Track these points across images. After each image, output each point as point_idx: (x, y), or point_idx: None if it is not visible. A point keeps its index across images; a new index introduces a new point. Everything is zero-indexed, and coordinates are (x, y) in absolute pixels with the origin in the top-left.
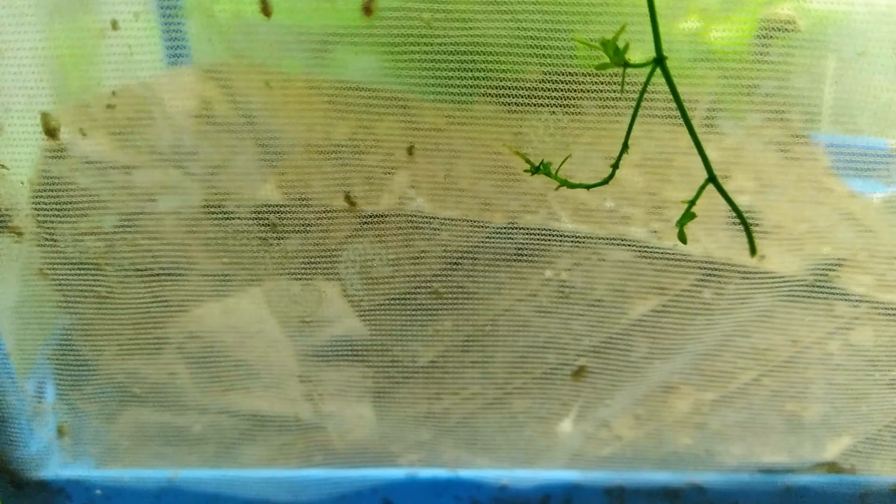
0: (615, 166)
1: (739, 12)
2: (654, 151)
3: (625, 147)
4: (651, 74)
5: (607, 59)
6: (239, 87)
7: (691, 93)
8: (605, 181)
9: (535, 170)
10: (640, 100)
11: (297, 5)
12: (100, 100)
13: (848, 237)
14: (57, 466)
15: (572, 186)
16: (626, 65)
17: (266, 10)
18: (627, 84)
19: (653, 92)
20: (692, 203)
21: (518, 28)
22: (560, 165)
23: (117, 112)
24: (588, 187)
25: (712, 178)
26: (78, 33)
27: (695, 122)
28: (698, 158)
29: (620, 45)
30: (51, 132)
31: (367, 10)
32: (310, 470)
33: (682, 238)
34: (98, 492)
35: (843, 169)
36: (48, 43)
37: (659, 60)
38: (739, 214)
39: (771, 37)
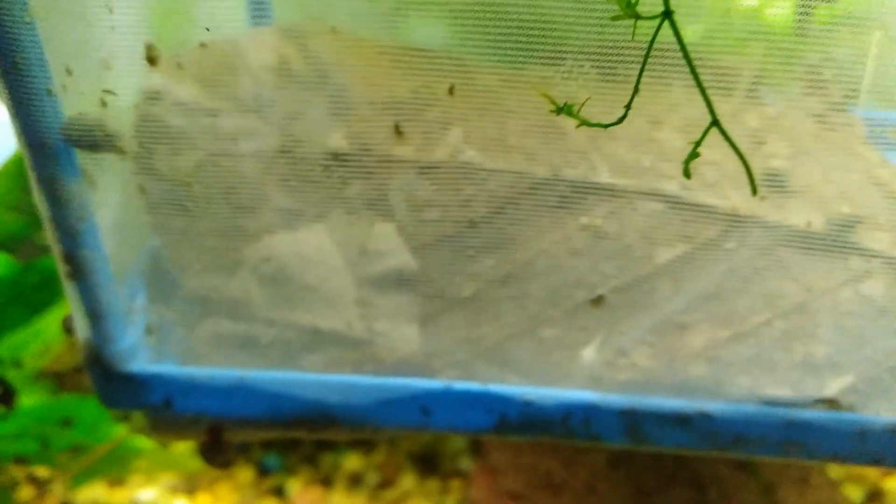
0: (628, 107)
1: None
2: (696, 116)
3: (635, 91)
4: (660, 26)
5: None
6: (314, 46)
7: (736, 63)
8: (620, 121)
9: (559, 110)
10: (648, 50)
11: None
12: (191, 50)
13: (872, 200)
14: (143, 362)
15: (591, 125)
16: (637, 17)
17: None
18: (665, 42)
19: (697, 60)
20: (698, 144)
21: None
22: (580, 107)
23: (205, 62)
24: (606, 126)
25: (716, 122)
26: None
27: (738, 92)
28: (737, 124)
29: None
30: (152, 60)
31: None
32: (359, 377)
33: (687, 174)
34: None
35: (880, 140)
36: None
37: (667, 13)
38: (741, 155)
39: (813, 11)
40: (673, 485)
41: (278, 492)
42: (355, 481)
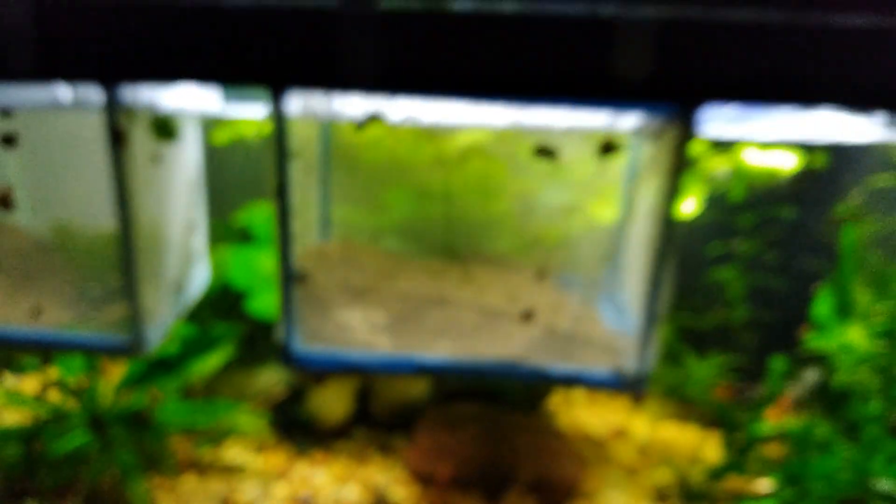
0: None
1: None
2: (496, 285)
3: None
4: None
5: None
6: (353, 249)
7: (508, 259)
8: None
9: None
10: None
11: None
12: (316, 247)
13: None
14: (300, 347)
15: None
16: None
17: None
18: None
19: (500, 259)
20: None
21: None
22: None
23: (319, 251)
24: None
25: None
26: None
27: (507, 269)
28: (506, 284)
29: None
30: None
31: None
32: (373, 355)
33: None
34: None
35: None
36: None
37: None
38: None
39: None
40: (491, 437)
41: (307, 455)
42: (346, 453)
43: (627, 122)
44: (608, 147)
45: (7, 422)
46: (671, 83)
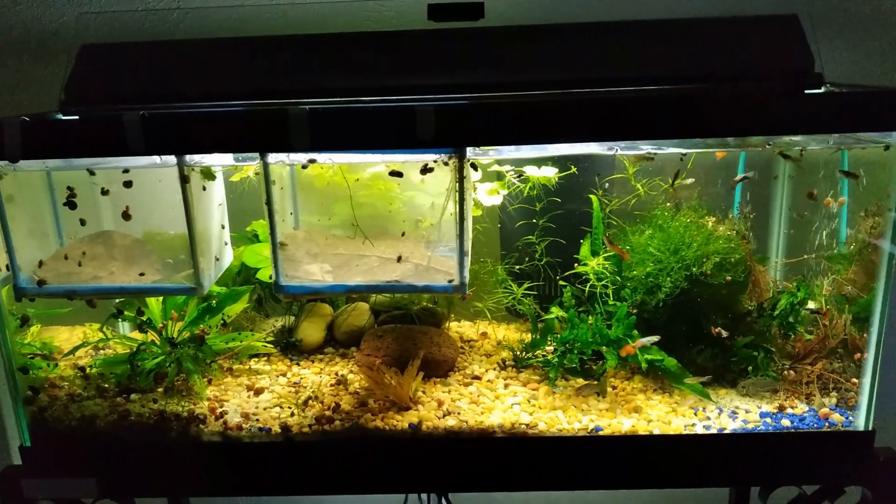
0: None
1: None
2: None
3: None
4: None
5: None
6: (313, 234)
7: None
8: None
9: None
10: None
11: None
12: (288, 234)
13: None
14: (284, 283)
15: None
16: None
17: None
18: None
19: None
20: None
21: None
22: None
23: (293, 237)
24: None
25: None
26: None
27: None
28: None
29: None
30: (283, 246)
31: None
32: (323, 285)
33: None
34: None
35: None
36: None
37: None
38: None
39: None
40: (404, 339)
41: (298, 364)
42: (321, 361)
43: (433, 156)
44: (424, 169)
45: (119, 351)
46: (449, 138)
